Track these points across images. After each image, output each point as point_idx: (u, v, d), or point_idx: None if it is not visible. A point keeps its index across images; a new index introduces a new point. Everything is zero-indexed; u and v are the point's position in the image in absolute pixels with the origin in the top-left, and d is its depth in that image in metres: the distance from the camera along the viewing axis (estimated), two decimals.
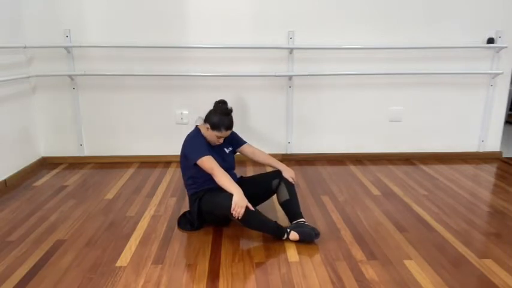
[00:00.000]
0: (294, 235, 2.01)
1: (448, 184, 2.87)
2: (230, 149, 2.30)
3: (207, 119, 2.13)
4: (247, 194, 2.11)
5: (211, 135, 2.13)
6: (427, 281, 1.69)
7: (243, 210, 1.91)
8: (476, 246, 1.99)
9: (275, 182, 2.23)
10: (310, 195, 2.64)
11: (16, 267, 1.80)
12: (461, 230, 2.16)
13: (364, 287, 1.65)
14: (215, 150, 2.19)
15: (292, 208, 2.17)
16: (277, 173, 2.25)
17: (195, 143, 2.12)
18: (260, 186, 2.27)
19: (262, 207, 2.31)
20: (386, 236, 2.09)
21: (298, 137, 3.41)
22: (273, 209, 2.43)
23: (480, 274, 1.75)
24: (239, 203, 1.91)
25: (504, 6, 3.19)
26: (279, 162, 2.31)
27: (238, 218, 1.92)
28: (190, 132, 2.20)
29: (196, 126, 2.23)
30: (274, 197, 2.29)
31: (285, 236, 2.02)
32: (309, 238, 2.00)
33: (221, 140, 2.17)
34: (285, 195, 2.19)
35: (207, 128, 2.12)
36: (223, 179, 2.00)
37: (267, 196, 2.31)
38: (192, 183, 2.17)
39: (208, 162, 2.04)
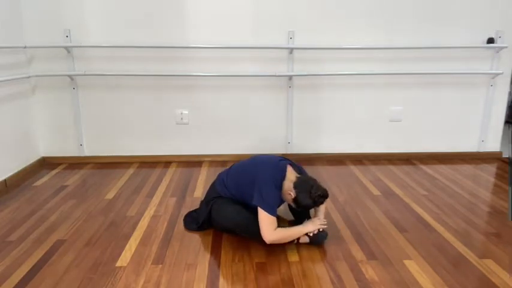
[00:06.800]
0: (304, 239, 1.97)
1: (448, 184, 2.87)
2: None
3: (297, 193, 1.84)
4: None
5: (288, 197, 1.90)
6: (427, 281, 1.69)
7: (322, 223, 1.95)
8: (476, 246, 1.99)
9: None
10: None
11: (16, 267, 1.80)
12: (461, 230, 2.16)
13: (364, 287, 1.66)
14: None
15: (304, 216, 2.14)
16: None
17: (270, 191, 1.86)
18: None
19: None
20: (387, 236, 2.09)
21: (298, 137, 3.41)
22: None
23: (480, 274, 1.75)
24: (315, 227, 1.94)
25: (504, 6, 3.19)
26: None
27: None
28: (275, 166, 1.93)
29: (287, 165, 1.96)
30: None
31: (295, 240, 1.98)
32: (318, 240, 1.97)
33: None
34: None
35: (290, 193, 1.86)
36: (286, 235, 1.90)
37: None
38: (220, 188, 2.08)
39: (268, 219, 1.82)
